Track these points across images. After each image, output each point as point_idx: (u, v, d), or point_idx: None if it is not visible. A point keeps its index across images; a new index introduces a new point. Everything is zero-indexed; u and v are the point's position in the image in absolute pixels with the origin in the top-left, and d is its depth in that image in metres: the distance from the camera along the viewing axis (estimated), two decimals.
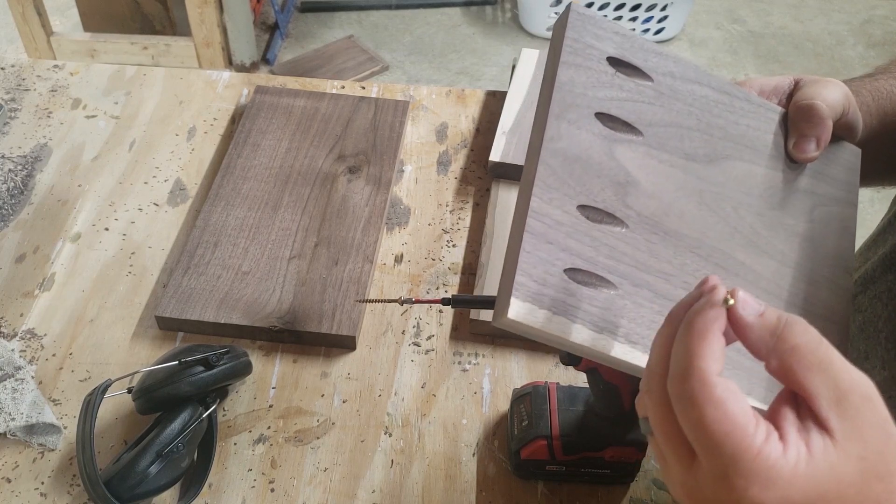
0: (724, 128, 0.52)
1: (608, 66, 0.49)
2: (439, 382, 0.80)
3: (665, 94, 0.50)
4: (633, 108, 0.49)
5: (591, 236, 0.45)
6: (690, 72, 0.52)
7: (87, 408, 0.66)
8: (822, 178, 0.54)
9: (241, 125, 1.00)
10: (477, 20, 2.91)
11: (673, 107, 0.50)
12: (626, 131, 0.49)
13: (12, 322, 0.82)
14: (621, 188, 0.47)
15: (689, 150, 0.50)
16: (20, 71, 1.10)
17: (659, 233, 0.48)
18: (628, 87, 0.49)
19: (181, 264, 0.84)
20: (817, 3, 3.10)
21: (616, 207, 0.47)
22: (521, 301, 0.42)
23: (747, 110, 0.53)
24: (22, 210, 0.93)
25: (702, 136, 0.51)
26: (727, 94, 0.52)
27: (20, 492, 0.70)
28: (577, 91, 0.48)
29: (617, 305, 0.45)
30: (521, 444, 0.70)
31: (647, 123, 0.49)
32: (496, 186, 0.97)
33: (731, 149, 0.52)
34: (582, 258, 0.45)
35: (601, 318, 0.44)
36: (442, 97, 1.10)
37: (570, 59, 0.48)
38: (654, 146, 0.49)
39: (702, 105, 0.51)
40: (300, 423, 0.76)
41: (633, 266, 0.46)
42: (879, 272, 0.57)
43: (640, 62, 0.50)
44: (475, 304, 0.65)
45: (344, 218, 0.90)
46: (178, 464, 0.67)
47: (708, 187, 0.50)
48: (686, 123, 0.51)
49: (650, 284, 0.46)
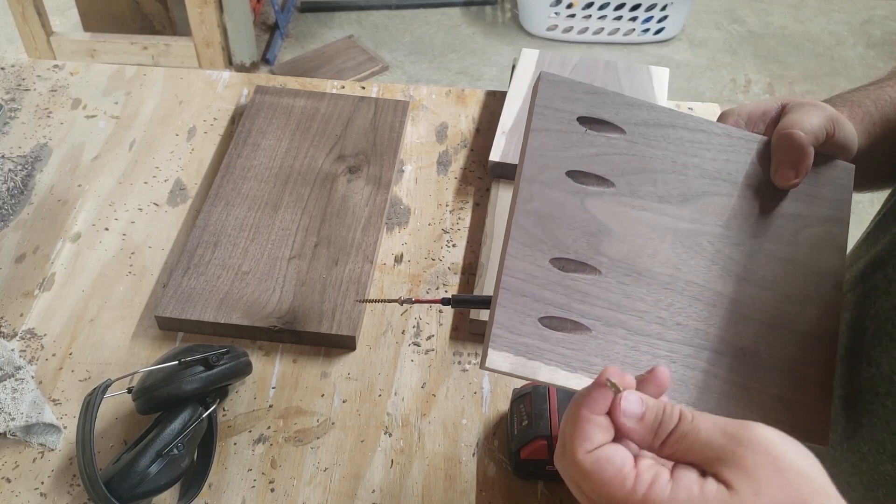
0: (700, 165, 0.55)
1: (579, 125, 0.53)
2: (439, 382, 0.80)
3: (637, 143, 0.54)
4: (604, 161, 0.53)
5: (564, 285, 0.50)
6: (665, 116, 0.55)
7: (87, 408, 0.66)
8: (810, 199, 0.56)
9: (241, 125, 1.00)
10: (477, 20, 2.91)
11: (646, 154, 0.54)
12: (598, 184, 0.52)
13: (12, 322, 0.82)
14: (593, 237, 0.51)
15: (662, 192, 0.53)
16: (20, 71, 1.10)
17: (632, 274, 0.51)
18: (599, 142, 0.53)
19: (181, 264, 0.84)
20: (817, 3, 3.10)
21: (588, 256, 0.51)
22: (497, 351, 0.47)
23: (726, 145, 0.56)
24: (22, 210, 0.93)
25: (676, 178, 0.54)
26: (703, 132, 0.55)
27: (20, 492, 0.70)
28: (548, 154, 0.52)
29: (590, 346, 0.49)
30: (521, 444, 0.70)
31: (618, 174, 0.53)
32: (496, 186, 0.97)
33: (707, 185, 0.55)
34: (555, 306, 0.49)
35: (575, 359, 0.48)
36: (442, 97, 1.10)
37: (539, 124, 0.52)
38: (625, 194, 0.53)
39: (676, 147, 0.54)
40: (300, 423, 0.76)
41: (606, 308, 0.50)
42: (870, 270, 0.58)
43: (611, 116, 0.54)
44: (475, 304, 0.65)
45: (344, 218, 0.90)
46: (178, 464, 0.67)
47: (682, 225, 0.53)
48: (659, 167, 0.54)
49: (623, 323, 0.50)
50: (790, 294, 0.54)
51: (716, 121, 0.58)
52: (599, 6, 2.71)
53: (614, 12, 2.73)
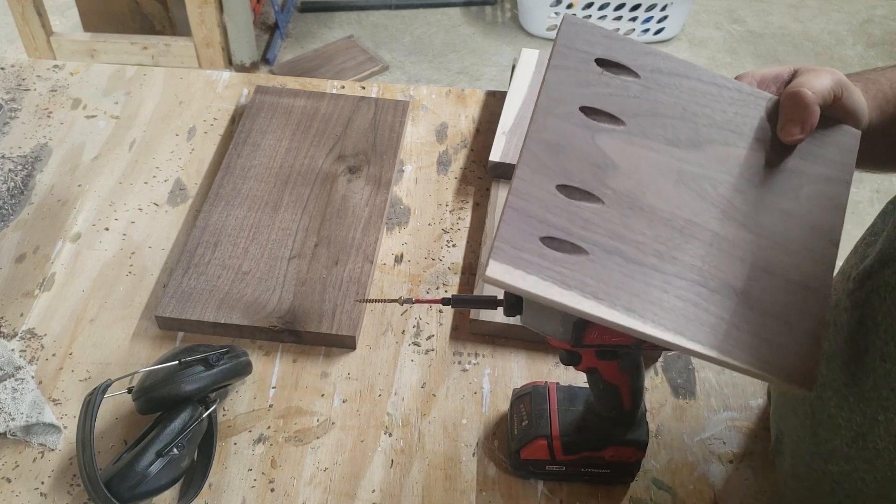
0: (711, 116, 0.57)
1: (596, 66, 0.56)
2: (439, 382, 0.80)
3: (651, 88, 0.56)
4: (617, 102, 0.55)
5: (567, 211, 0.52)
6: (680, 67, 0.58)
7: (87, 408, 0.66)
8: (815, 158, 0.58)
9: (241, 125, 1.00)
10: (477, 20, 2.91)
11: (658, 99, 0.56)
12: (609, 122, 0.54)
13: (12, 322, 0.82)
14: (600, 170, 0.53)
15: (671, 136, 0.56)
16: (20, 71, 1.10)
17: (634, 208, 0.53)
18: (614, 83, 0.55)
19: (181, 264, 0.84)
20: (817, 3, 3.10)
21: (593, 186, 0.53)
22: (497, 262, 0.49)
23: (736, 99, 0.58)
24: (22, 210, 0.93)
25: (686, 124, 0.56)
26: (715, 86, 0.58)
27: (20, 492, 0.70)
28: (564, 89, 0.54)
29: (587, 268, 0.51)
30: (521, 444, 0.70)
31: (630, 115, 0.55)
32: (496, 186, 0.97)
33: (715, 134, 0.57)
34: (557, 228, 0.51)
35: (571, 278, 0.50)
36: (442, 97, 1.10)
37: (559, 62, 0.55)
38: (635, 134, 0.55)
39: (688, 96, 0.57)
40: (300, 422, 0.76)
41: (605, 236, 0.52)
42: (877, 267, 0.58)
43: (628, 61, 0.56)
44: (475, 304, 0.65)
45: (344, 218, 0.90)
46: (178, 464, 0.67)
47: (687, 168, 0.55)
48: (670, 113, 0.56)
49: (621, 251, 0.52)
50: (787, 245, 0.55)
51: None
52: (599, 6, 2.71)
53: (614, 12, 2.73)
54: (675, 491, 0.73)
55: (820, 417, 0.62)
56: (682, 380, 0.81)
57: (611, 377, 0.63)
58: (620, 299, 0.50)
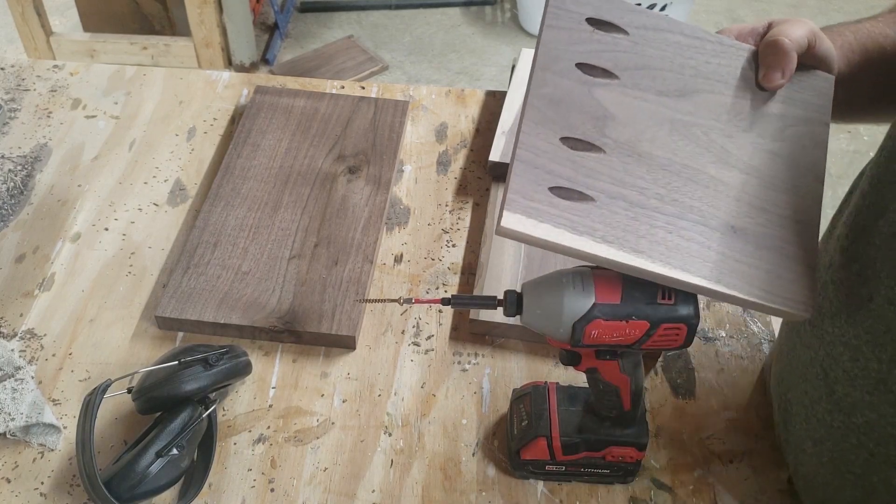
0: (696, 67, 0.61)
1: (587, 25, 0.59)
2: (439, 382, 0.80)
3: (639, 44, 0.60)
4: (609, 57, 0.59)
5: (571, 161, 0.55)
6: (663, 22, 0.62)
7: (87, 408, 0.66)
8: (794, 103, 0.62)
9: (241, 125, 1.00)
10: (476, 20, 2.91)
11: (646, 53, 0.60)
12: (604, 76, 0.58)
13: (12, 322, 0.82)
14: (599, 121, 0.56)
15: (661, 87, 0.59)
16: (20, 71, 1.10)
17: (633, 155, 0.56)
18: (605, 40, 0.59)
19: (181, 264, 0.84)
20: (817, 3, 3.10)
21: (595, 137, 0.56)
22: (511, 213, 0.52)
23: (718, 51, 0.62)
24: (22, 210, 0.93)
25: (674, 76, 0.60)
26: (698, 39, 0.62)
27: (20, 492, 0.70)
28: (560, 47, 0.57)
29: (595, 214, 0.54)
30: (521, 444, 0.70)
31: (622, 69, 0.59)
32: (496, 186, 0.97)
33: (702, 84, 0.60)
34: (564, 178, 0.54)
35: (581, 224, 0.53)
36: (442, 97, 1.10)
37: (552, 22, 0.58)
38: (629, 86, 0.58)
39: (674, 50, 0.61)
40: (300, 423, 0.76)
41: (609, 182, 0.55)
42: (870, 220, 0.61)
43: (616, 19, 0.60)
44: (475, 304, 0.65)
45: (344, 218, 0.90)
46: (178, 464, 0.67)
47: (679, 116, 0.59)
48: (659, 66, 0.60)
49: (625, 196, 0.55)
50: (776, 183, 0.59)
51: None
52: None
53: None
54: (675, 491, 0.73)
55: (834, 374, 0.62)
56: (682, 380, 0.81)
57: (611, 377, 0.63)
58: (628, 241, 0.53)
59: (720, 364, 0.83)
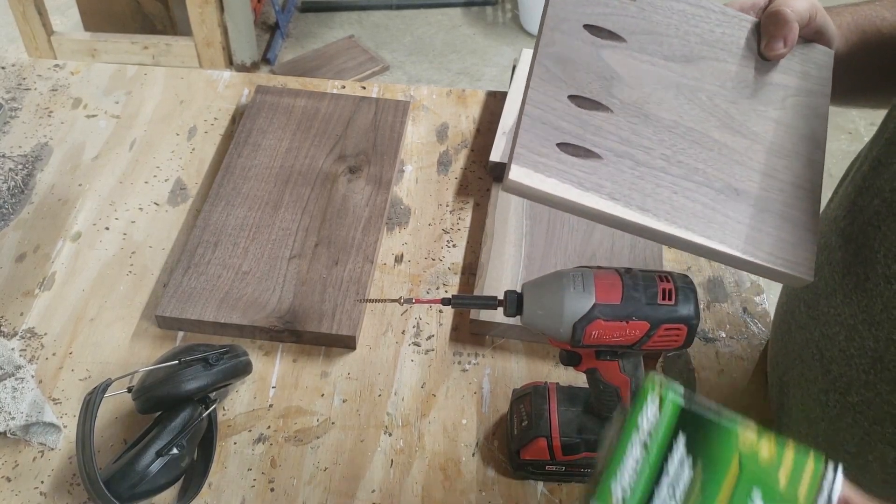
0: (701, 35, 0.62)
1: None
2: (439, 382, 0.80)
3: (646, 10, 0.61)
4: (616, 21, 0.59)
5: (579, 119, 0.55)
6: None
7: (87, 407, 0.66)
8: (795, 73, 0.63)
9: (242, 125, 1.00)
10: (477, 20, 2.91)
11: (653, 19, 0.61)
12: (611, 38, 0.59)
13: (12, 321, 0.82)
14: (607, 82, 0.57)
15: (667, 52, 0.60)
16: (21, 70, 1.10)
17: (640, 116, 0.57)
18: (613, 4, 0.60)
19: (181, 264, 0.84)
20: None
21: (602, 97, 0.57)
22: (519, 167, 0.52)
23: (722, 20, 0.63)
24: (22, 209, 0.93)
25: (679, 42, 0.61)
26: (703, 8, 0.63)
27: (20, 491, 0.70)
28: (568, 8, 0.58)
29: (602, 171, 0.54)
30: (521, 445, 0.70)
31: (629, 32, 0.59)
32: (496, 187, 0.97)
33: (706, 51, 0.61)
34: (571, 135, 0.54)
35: (588, 181, 0.53)
36: (442, 97, 1.10)
37: None
38: (635, 50, 0.59)
39: (679, 17, 0.61)
40: (300, 422, 0.76)
41: (616, 141, 0.56)
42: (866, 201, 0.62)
43: None
44: (475, 304, 0.65)
45: (344, 218, 0.90)
46: (178, 463, 0.67)
47: (685, 81, 0.60)
48: (665, 32, 0.61)
49: (632, 155, 0.56)
50: (778, 149, 0.60)
51: None
52: None
53: None
54: None
55: (830, 354, 0.63)
56: (682, 380, 0.81)
57: (611, 378, 0.63)
58: (634, 199, 0.54)
59: (720, 365, 0.83)
